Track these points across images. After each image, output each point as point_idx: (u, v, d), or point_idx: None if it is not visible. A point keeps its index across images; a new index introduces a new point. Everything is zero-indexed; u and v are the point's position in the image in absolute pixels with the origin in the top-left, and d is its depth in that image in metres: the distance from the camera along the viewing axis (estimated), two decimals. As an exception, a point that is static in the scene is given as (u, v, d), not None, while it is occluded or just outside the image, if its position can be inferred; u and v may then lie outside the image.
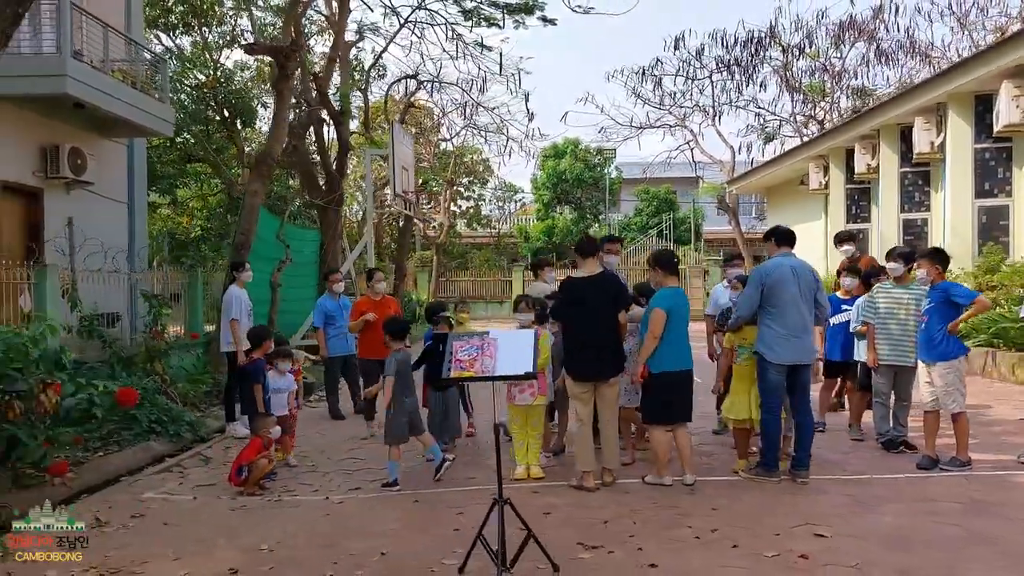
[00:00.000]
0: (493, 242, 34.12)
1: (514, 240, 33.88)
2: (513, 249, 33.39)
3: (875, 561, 3.73)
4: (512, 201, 36.12)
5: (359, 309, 7.60)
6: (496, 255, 33.26)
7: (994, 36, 25.78)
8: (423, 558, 4.04)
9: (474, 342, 3.61)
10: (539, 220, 33.67)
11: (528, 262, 29.87)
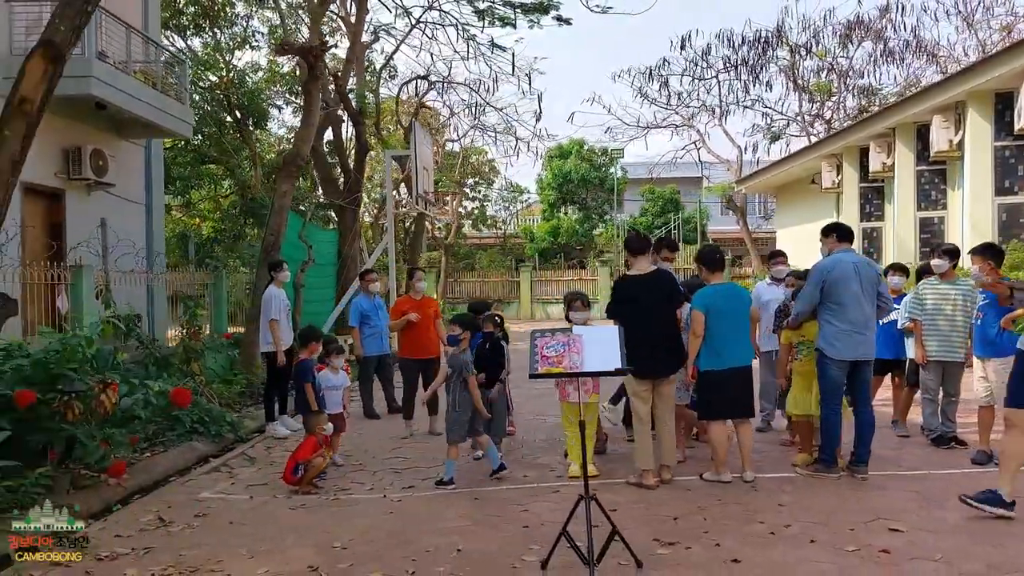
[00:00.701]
0: (499, 243, 34.14)
1: (520, 241, 33.90)
2: (519, 250, 33.42)
3: (960, 555, 3.75)
4: (518, 202, 36.11)
5: (400, 308, 7.61)
6: (502, 256, 33.31)
7: (1000, 35, 25.93)
8: (500, 554, 4.05)
9: (559, 339, 3.62)
10: (544, 220, 33.73)
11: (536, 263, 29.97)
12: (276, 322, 7.52)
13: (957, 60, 26.62)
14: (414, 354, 7.47)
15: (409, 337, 7.49)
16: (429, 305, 7.65)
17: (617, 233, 28.71)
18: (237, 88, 18.88)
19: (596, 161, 33.12)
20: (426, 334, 7.49)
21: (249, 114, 19.23)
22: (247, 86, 19.37)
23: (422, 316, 7.44)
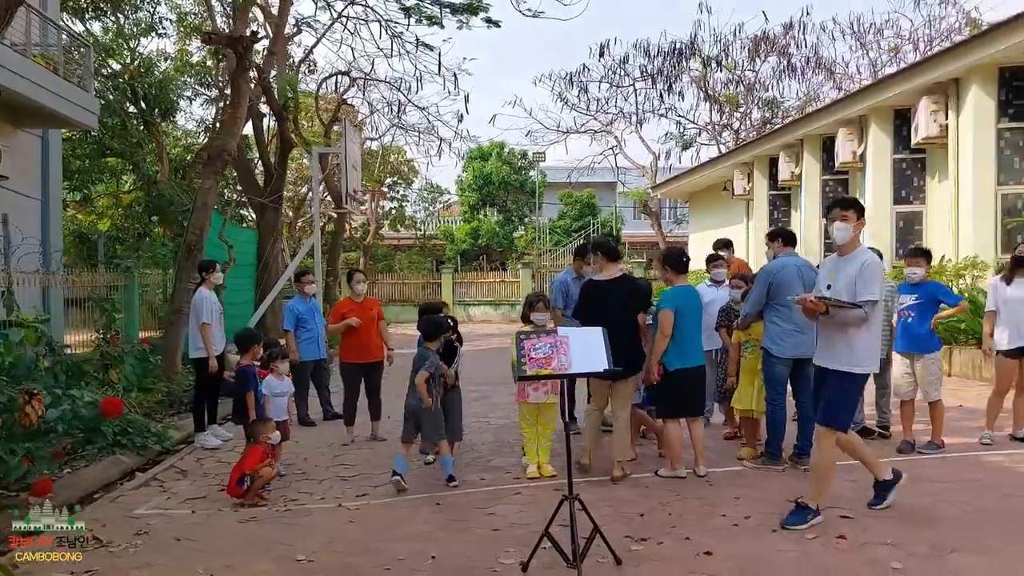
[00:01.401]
0: (418, 244, 33.85)
1: (440, 242, 33.72)
2: (439, 251, 33.24)
3: (907, 538, 4.00)
4: (437, 203, 35.91)
5: (340, 311, 7.37)
6: (421, 257, 33.03)
7: (888, 55, 27.91)
8: (476, 559, 4.01)
9: (546, 340, 3.62)
10: (465, 222, 33.69)
11: (457, 264, 29.87)
12: (208, 326, 7.16)
13: (851, 77, 28.49)
14: (356, 358, 7.26)
15: (350, 341, 7.24)
16: (371, 307, 7.39)
17: (538, 236, 29.01)
18: (143, 77, 17.90)
19: (516, 164, 33.38)
20: (368, 337, 7.24)
21: (156, 105, 18.27)
22: (154, 75, 18.39)
23: (364, 319, 7.25)
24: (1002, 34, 10.38)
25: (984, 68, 11.13)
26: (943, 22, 26.78)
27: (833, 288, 4.30)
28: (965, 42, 11.49)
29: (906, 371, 5.86)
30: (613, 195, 38.45)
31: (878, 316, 4.30)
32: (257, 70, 12.87)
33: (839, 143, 15.06)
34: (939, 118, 12.17)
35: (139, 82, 17.50)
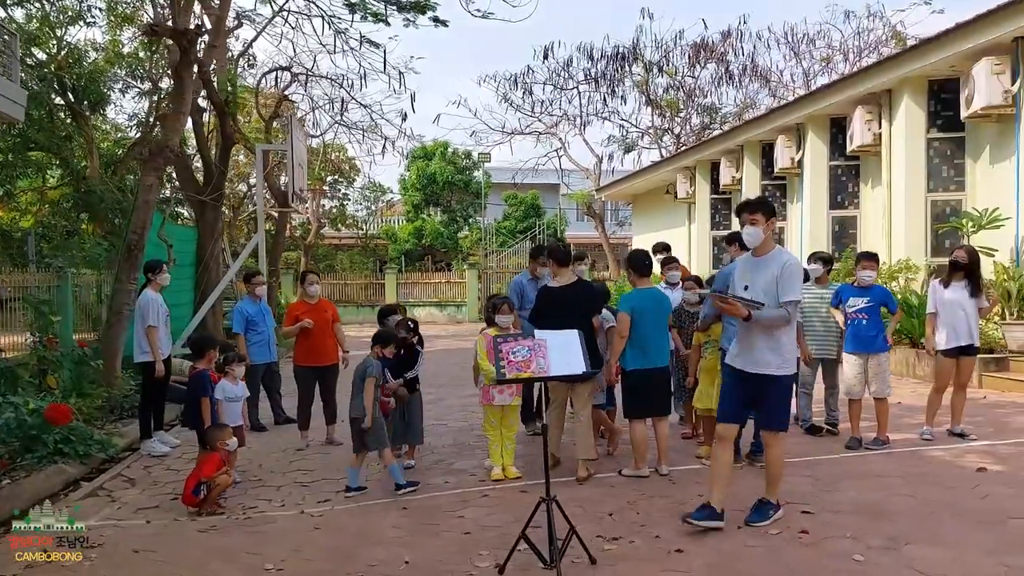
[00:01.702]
0: (360, 243, 33.37)
1: (382, 242, 33.33)
2: (381, 251, 32.85)
3: (865, 531, 4.17)
4: (379, 201, 35.49)
5: (293, 313, 7.16)
6: (363, 257, 32.57)
7: (820, 64, 29.00)
8: (450, 562, 3.98)
9: (524, 343, 3.63)
10: (408, 221, 33.39)
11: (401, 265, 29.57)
12: (154, 329, 6.90)
13: (786, 85, 29.52)
14: (310, 361, 7.09)
15: (305, 344, 7.08)
16: (326, 309, 7.25)
17: (484, 237, 28.99)
18: (72, 67, 17.09)
19: (460, 164, 33.29)
20: (322, 340, 7.10)
21: (85, 97, 17.48)
22: (83, 66, 17.60)
23: (318, 321, 7.09)
24: (931, 49, 10.93)
25: (915, 80, 11.70)
26: (871, 34, 28.04)
27: (751, 289, 4.26)
28: (897, 55, 12.05)
29: (858, 371, 6.11)
30: (556, 197, 38.80)
31: (796, 316, 4.41)
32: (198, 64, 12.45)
33: (778, 149, 15.57)
34: (873, 127, 12.73)
35: (67, 73, 16.73)
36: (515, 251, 28.39)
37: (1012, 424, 6.88)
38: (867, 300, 6.04)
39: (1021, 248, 9.80)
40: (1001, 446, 6.04)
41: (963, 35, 10.29)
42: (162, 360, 6.99)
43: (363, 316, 26.56)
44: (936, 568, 3.63)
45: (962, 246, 6.92)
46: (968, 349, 6.33)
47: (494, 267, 27.64)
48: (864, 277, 6.20)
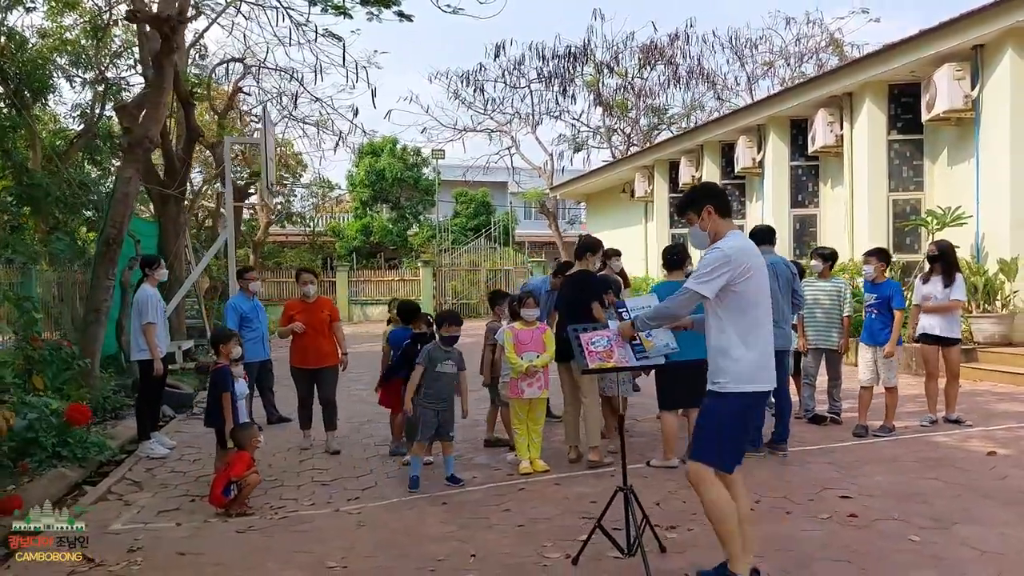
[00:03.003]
0: (308, 241, 32.66)
1: (329, 239, 32.69)
2: (329, 248, 32.22)
3: (908, 513, 4.36)
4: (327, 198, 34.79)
5: (288, 314, 6.85)
6: (311, 254, 31.88)
7: (762, 68, 29.96)
8: (519, 554, 3.97)
9: (603, 333, 3.65)
10: (356, 218, 32.83)
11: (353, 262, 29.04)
12: (152, 326, 6.61)
13: (730, 88, 30.38)
14: (305, 363, 6.78)
15: (300, 344, 6.77)
16: (322, 308, 6.89)
17: (437, 234, 28.78)
18: (14, 55, 16.13)
19: (410, 160, 32.94)
20: (318, 341, 6.76)
21: (28, 86, 16.53)
22: (26, 53, 16.63)
23: (314, 321, 6.73)
24: (893, 54, 11.46)
25: (876, 85, 12.23)
26: (810, 40, 29.14)
27: None
28: (860, 60, 12.58)
29: (868, 361, 6.36)
30: (506, 194, 38.86)
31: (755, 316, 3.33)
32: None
33: (739, 149, 16.02)
34: (835, 129, 13.24)
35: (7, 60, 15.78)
36: (470, 249, 28.26)
37: (996, 410, 7.29)
38: (876, 297, 6.30)
39: (982, 245, 10.37)
40: (997, 431, 6.39)
41: (925, 42, 10.82)
42: (160, 358, 6.71)
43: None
44: (988, 545, 3.83)
45: (935, 241, 7.26)
46: (947, 340, 6.68)
47: (448, 264, 27.48)
48: (865, 272, 6.47)
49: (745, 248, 3.38)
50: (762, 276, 3.39)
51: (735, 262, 3.28)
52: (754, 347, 3.30)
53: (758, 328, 3.33)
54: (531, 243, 35.13)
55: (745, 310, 3.32)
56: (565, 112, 30.15)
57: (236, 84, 19.80)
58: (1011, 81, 9.83)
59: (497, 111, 29.94)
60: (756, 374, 3.30)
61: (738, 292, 3.29)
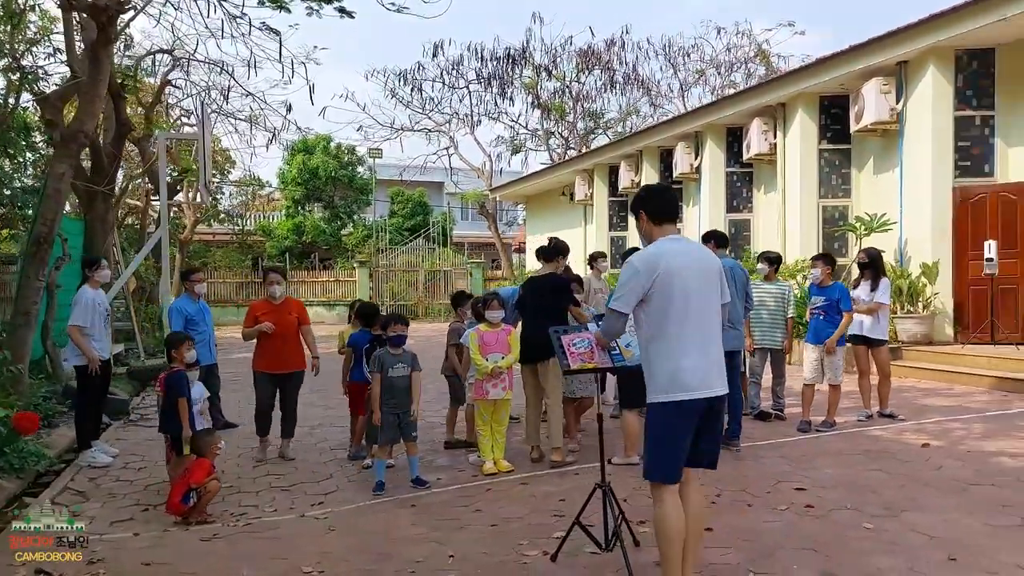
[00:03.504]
0: (236, 240, 31.72)
1: (259, 239, 31.83)
2: (259, 248, 31.36)
3: (860, 503, 4.61)
4: (257, 196, 33.86)
5: (253, 314, 6.51)
6: (240, 254, 30.97)
7: (694, 76, 30.86)
8: (496, 554, 4.01)
9: (584, 335, 3.73)
10: (288, 217, 32.06)
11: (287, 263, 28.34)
12: (76, 328, 6.32)
13: (664, 95, 31.18)
14: (269, 367, 6.45)
15: (264, 347, 6.44)
16: (291, 310, 6.55)
17: (374, 234, 28.42)
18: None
19: (344, 158, 32.41)
20: (285, 345, 6.44)
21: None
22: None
23: (282, 323, 6.40)
24: (824, 68, 12.03)
25: (808, 96, 12.80)
26: (739, 51, 30.19)
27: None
28: (793, 72, 13.14)
29: (812, 359, 6.67)
30: (441, 195, 38.72)
31: (675, 322, 3.21)
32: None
33: (678, 155, 16.49)
34: (769, 137, 13.80)
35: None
36: (408, 249, 28.04)
37: (923, 404, 7.77)
38: (824, 299, 6.63)
39: (905, 250, 11.01)
40: (927, 424, 6.81)
41: (854, 57, 11.41)
42: (98, 361, 6.42)
43: (242, 316, 25.30)
44: (935, 530, 4.09)
45: (865, 249, 7.68)
46: (874, 341, 7.08)
47: (385, 264, 27.18)
48: (812, 275, 6.80)
49: (659, 253, 3.25)
50: (677, 280, 3.19)
51: (643, 273, 3.21)
52: (681, 355, 3.17)
53: (679, 334, 3.18)
54: (473, 244, 35.08)
55: (662, 318, 3.20)
56: (503, 114, 30.34)
57: (165, 77, 19.08)
58: (932, 97, 10.47)
59: (435, 111, 29.87)
60: (682, 382, 3.15)
61: (652, 302, 3.21)
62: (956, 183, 10.47)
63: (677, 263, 3.25)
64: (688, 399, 3.17)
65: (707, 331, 3.27)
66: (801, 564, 3.69)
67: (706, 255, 3.46)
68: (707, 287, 3.32)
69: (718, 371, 3.27)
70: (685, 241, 3.48)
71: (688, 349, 3.20)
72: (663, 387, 3.20)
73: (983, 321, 10.06)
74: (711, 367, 3.24)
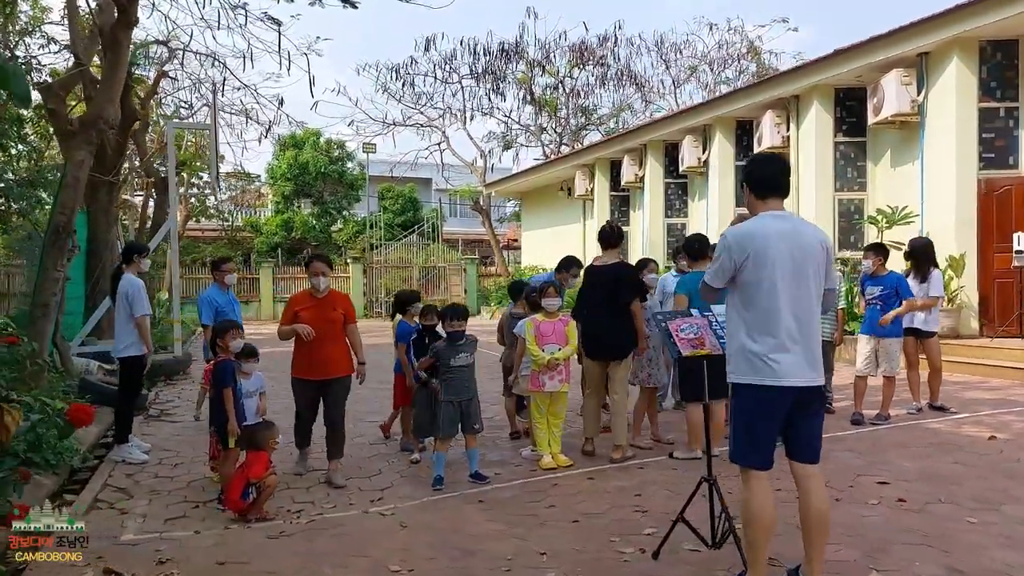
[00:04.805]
0: (225, 236, 31.20)
1: (247, 235, 31.33)
2: (248, 244, 30.87)
3: (951, 496, 4.48)
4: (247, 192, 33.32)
5: (293, 309, 5.48)
6: (231, 250, 30.44)
7: (686, 73, 30.84)
8: (589, 551, 3.82)
9: (693, 321, 3.55)
10: (277, 213, 31.56)
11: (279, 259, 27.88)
12: (146, 318, 6.06)
13: (657, 91, 31.13)
14: (307, 373, 5.42)
15: (305, 349, 5.37)
16: (336, 305, 5.50)
17: (368, 229, 28.06)
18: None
19: (334, 154, 31.97)
20: (327, 346, 5.38)
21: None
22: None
23: (322, 322, 5.36)
24: (842, 60, 11.96)
25: (823, 88, 12.75)
26: (732, 47, 30.21)
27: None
28: (808, 64, 13.05)
29: (869, 352, 6.55)
30: (430, 190, 38.40)
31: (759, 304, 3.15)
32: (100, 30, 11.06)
33: (684, 149, 16.37)
34: (782, 130, 13.72)
35: None
36: (404, 244, 27.72)
37: (967, 398, 7.68)
38: (881, 288, 6.51)
39: (927, 243, 10.96)
40: (982, 417, 6.73)
41: (873, 49, 11.35)
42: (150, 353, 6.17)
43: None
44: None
45: (914, 238, 7.60)
46: (924, 332, 6.99)
47: (380, 261, 26.84)
48: (864, 266, 6.69)
49: (754, 231, 3.13)
50: (770, 260, 3.07)
51: (734, 250, 3.12)
52: (761, 338, 3.06)
53: (767, 317, 3.06)
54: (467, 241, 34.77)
55: (752, 298, 3.10)
56: (496, 109, 30.09)
57: (160, 69, 18.63)
58: (956, 88, 10.44)
59: (428, 106, 29.57)
60: (769, 368, 3.04)
61: (742, 280, 3.12)
62: (980, 175, 10.45)
63: (773, 243, 3.10)
64: (775, 385, 3.05)
65: (801, 317, 3.10)
66: (922, 560, 3.54)
67: (809, 236, 3.24)
68: (804, 270, 3.14)
69: (811, 360, 3.11)
70: (791, 219, 3.29)
71: (778, 334, 3.07)
72: (748, 369, 3.10)
73: (1009, 314, 10.05)
74: (803, 355, 3.09)
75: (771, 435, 3.14)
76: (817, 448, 3.25)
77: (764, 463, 3.14)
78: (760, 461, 3.14)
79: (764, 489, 3.13)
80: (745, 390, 3.12)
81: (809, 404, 3.17)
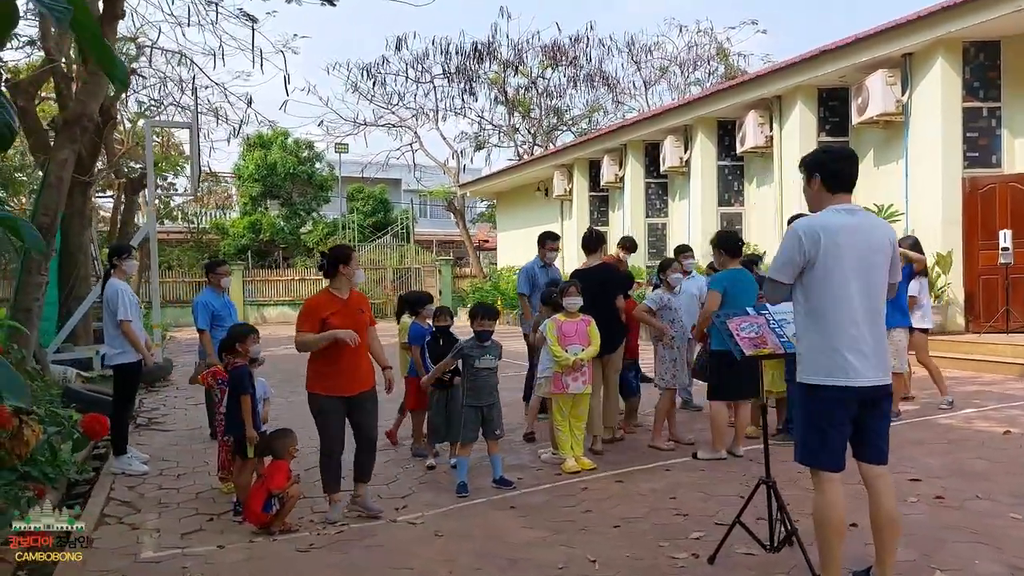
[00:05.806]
0: (191, 239, 30.45)
1: (213, 237, 30.60)
2: (215, 247, 30.15)
3: (990, 491, 4.48)
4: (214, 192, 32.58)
5: (316, 312, 4.51)
6: (197, 253, 29.72)
7: (657, 73, 31.07)
8: (642, 556, 3.72)
9: (751, 319, 3.46)
10: (244, 215, 30.86)
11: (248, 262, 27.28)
12: (128, 323, 5.77)
13: (628, 92, 31.30)
14: (338, 390, 4.50)
15: (334, 362, 4.48)
16: (361, 308, 4.67)
17: (341, 231, 27.63)
18: None
19: (303, 154, 31.41)
20: (357, 356, 4.53)
21: None
22: None
23: (355, 327, 4.49)
24: (826, 60, 12.09)
25: (807, 88, 12.88)
26: (701, 49, 30.52)
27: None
28: (792, 65, 13.16)
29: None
30: (400, 191, 38.01)
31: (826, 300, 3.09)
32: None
33: (666, 149, 16.42)
34: (765, 130, 13.84)
35: None
36: (376, 246, 27.38)
37: (966, 393, 7.78)
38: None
39: (912, 241, 11.13)
40: (988, 412, 6.81)
41: (858, 49, 11.49)
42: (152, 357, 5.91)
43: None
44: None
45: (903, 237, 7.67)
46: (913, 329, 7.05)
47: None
48: None
49: (824, 225, 3.05)
50: (839, 255, 3.01)
51: (804, 243, 3.03)
52: (837, 337, 2.99)
53: (839, 315, 3.00)
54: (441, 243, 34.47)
55: (820, 295, 3.03)
56: (469, 109, 29.93)
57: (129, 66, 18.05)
58: (941, 88, 10.62)
59: (400, 106, 29.28)
60: (837, 367, 2.98)
61: (810, 276, 3.05)
62: (965, 174, 10.64)
63: (843, 237, 3.04)
64: (842, 385, 3.00)
65: (871, 314, 3.06)
66: (980, 558, 3.52)
67: (877, 231, 3.19)
68: (874, 266, 3.10)
69: (878, 359, 3.05)
70: (859, 213, 3.21)
71: (846, 331, 3.01)
72: (815, 369, 3.05)
73: (995, 310, 10.25)
74: (871, 354, 3.03)
75: (843, 436, 3.09)
76: (885, 449, 3.20)
77: (837, 465, 3.08)
78: (833, 463, 3.07)
79: (836, 491, 3.08)
80: (816, 391, 3.05)
81: (878, 403, 3.12)
